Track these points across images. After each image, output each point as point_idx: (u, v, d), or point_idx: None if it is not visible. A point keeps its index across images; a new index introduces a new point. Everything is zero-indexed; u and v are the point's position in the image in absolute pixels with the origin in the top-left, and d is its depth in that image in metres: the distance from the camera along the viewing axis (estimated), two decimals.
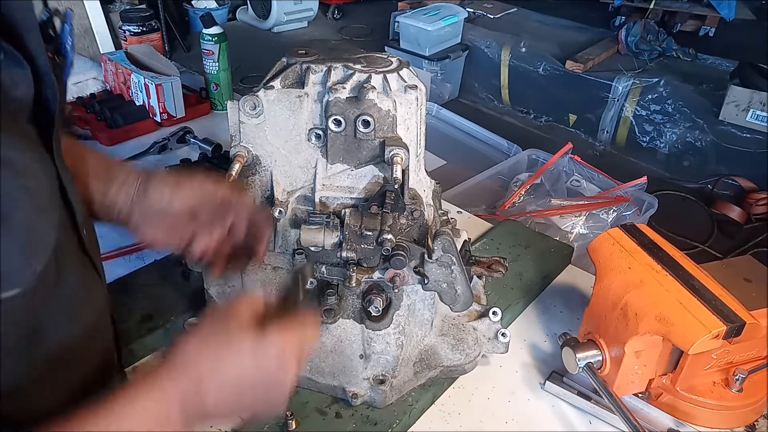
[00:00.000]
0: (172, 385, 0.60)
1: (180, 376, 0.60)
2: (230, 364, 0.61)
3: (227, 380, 0.61)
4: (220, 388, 0.61)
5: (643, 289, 0.92)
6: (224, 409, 0.63)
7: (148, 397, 0.59)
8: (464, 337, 1.02)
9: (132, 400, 0.58)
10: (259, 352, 0.62)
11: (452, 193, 1.94)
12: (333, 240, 0.85)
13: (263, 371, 0.62)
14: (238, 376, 0.62)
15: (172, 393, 0.60)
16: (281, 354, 0.63)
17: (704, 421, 0.97)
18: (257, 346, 0.62)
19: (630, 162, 3.41)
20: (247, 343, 0.62)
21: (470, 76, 4.01)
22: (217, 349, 0.62)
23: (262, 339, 0.62)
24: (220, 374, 0.61)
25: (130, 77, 1.85)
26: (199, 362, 0.61)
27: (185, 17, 4.48)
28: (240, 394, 0.62)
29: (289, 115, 0.89)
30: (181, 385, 0.60)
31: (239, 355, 0.62)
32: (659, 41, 3.72)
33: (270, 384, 0.64)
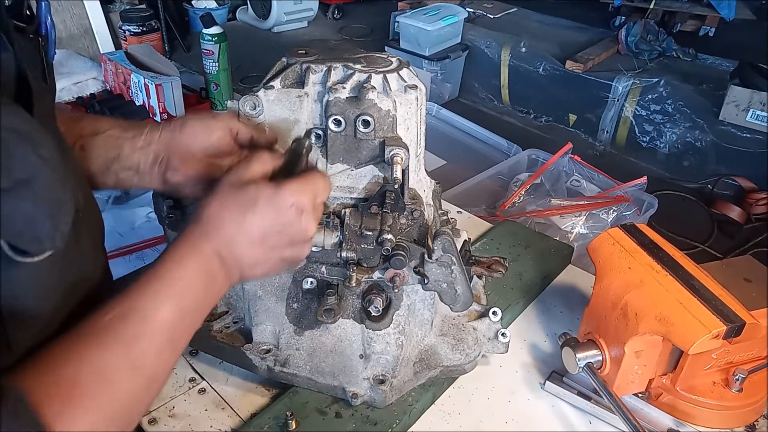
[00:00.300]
0: (208, 245, 0.66)
1: (212, 236, 0.66)
2: (253, 216, 0.67)
3: (253, 232, 0.67)
4: (249, 240, 0.67)
5: (643, 289, 0.92)
6: (257, 260, 0.70)
7: (193, 259, 0.65)
8: (464, 337, 1.02)
9: (181, 264, 0.64)
10: (277, 202, 0.68)
11: (452, 193, 1.94)
12: (333, 240, 0.85)
13: (283, 218, 0.68)
14: (262, 226, 0.67)
15: (209, 251, 0.66)
16: (298, 201, 0.69)
17: (704, 421, 0.97)
18: (275, 197, 0.68)
19: (630, 162, 3.41)
20: (265, 196, 0.67)
21: (470, 76, 4.01)
22: (238, 206, 0.67)
23: (279, 190, 0.68)
24: (245, 227, 0.67)
25: (130, 77, 1.85)
26: (225, 220, 0.67)
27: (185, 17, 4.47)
28: (267, 243, 0.69)
29: (289, 115, 0.89)
30: (214, 243, 0.66)
31: (259, 206, 0.67)
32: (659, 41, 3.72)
33: (292, 229, 0.70)
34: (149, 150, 0.81)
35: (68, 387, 0.54)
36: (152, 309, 0.60)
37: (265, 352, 0.97)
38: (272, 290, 0.96)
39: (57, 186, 0.52)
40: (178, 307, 0.62)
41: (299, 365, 0.97)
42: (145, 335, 0.59)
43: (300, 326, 0.97)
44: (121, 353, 0.58)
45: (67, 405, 0.53)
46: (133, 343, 0.59)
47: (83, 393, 0.54)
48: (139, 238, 1.41)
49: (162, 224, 1.03)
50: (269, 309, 0.97)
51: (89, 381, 0.55)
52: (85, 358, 0.56)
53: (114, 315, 0.59)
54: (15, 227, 0.49)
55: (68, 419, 0.53)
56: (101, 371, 0.56)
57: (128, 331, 0.59)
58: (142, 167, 0.81)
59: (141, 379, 0.59)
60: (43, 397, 0.52)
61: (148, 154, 0.81)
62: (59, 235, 0.52)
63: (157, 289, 0.62)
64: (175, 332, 0.62)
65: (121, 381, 0.57)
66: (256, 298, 0.97)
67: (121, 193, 1.57)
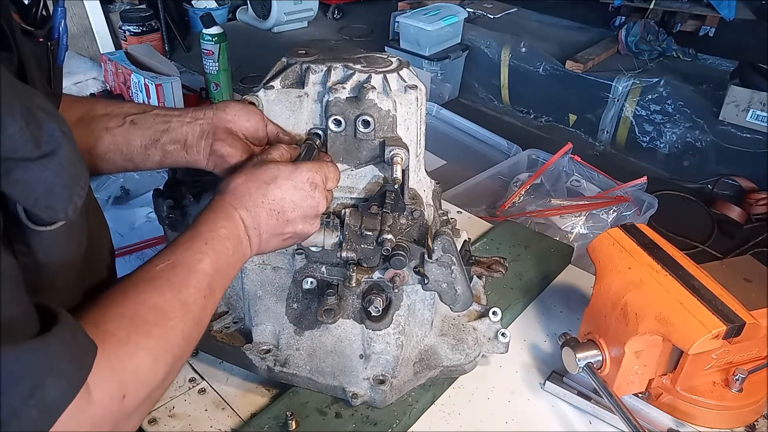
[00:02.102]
0: (235, 212, 0.74)
1: (238, 204, 0.75)
2: (274, 188, 0.76)
3: (273, 202, 0.76)
4: (269, 210, 0.76)
5: (643, 289, 0.92)
6: (274, 231, 0.78)
7: (223, 222, 0.73)
8: (464, 337, 1.02)
9: (215, 225, 0.72)
10: (294, 177, 0.77)
11: (452, 193, 1.94)
12: (333, 240, 0.85)
13: (299, 191, 0.78)
14: (281, 198, 0.77)
15: (237, 217, 0.74)
16: (312, 178, 0.78)
17: (704, 421, 0.97)
18: (293, 173, 0.77)
19: (630, 162, 3.40)
20: (284, 172, 0.77)
21: (470, 76, 4.00)
22: (261, 180, 0.76)
23: (296, 168, 0.78)
24: (267, 198, 0.76)
25: (130, 77, 1.85)
26: (250, 191, 0.75)
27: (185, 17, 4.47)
28: (284, 215, 0.77)
29: (289, 115, 0.89)
30: (240, 210, 0.75)
31: (279, 181, 0.77)
32: (659, 41, 3.72)
33: (305, 203, 0.78)
34: (196, 124, 0.86)
35: (129, 320, 0.59)
36: (196, 261, 0.68)
37: (265, 352, 0.97)
38: (272, 290, 0.96)
39: (76, 160, 0.55)
40: (214, 261, 0.70)
41: (299, 365, 0.97)
42: (191, 282, 0.67)
43: (300, 326, 0.97)
44: (173, 295, 0.64)
45: (132, 334, 0.58)
46: (183, 288, 0.66)
47: (145, 324, 0.60)
48: (139, 238, 1.41)
49: (162, 224, 1.03)
50: (269, 309, 0.97)
51: (149, 316, 0.61)
52: (143, 298, 0.62)
53: (164, 265, 0.66)
54: (33, 195, 0.52)
55: (132, 346, 0.58)
56: (159, 308, 0.62)
57: (178, 277, 0.66)
58: (189, 140, 0.85)
59: (189, 319, 0.65)
60: (107, 330, 0.57)
61: (195, 128, 0.86)
62: (72, 207, 0.55)
63: (197, 246, 0.69)
64: (212, 283, 0.69)
65: (176, 318, 0.63)
66: (256, 298, 0.97)
67: (121, 193, 1.57)
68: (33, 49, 0.64)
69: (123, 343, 0.57)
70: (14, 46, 0.59)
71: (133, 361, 0.57)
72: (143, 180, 1.56)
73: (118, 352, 0.56)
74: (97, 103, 0.85)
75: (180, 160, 0.86)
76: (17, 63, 0.59)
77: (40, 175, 0.52)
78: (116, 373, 0.55)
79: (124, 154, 0.83)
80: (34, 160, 0.51)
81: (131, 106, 0.86)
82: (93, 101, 0.87)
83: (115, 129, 0.82)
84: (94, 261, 0.72)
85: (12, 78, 0.52)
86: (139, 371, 0.57)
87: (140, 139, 0.83)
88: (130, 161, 0.84)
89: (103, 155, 0.82)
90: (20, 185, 0.50)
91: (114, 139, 0.82)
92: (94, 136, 0.81)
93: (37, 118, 0.51)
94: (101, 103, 0.86)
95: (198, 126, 0.85)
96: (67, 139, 0.54)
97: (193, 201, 0.99)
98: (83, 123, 0.82)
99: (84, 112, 0.82)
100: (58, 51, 0.70)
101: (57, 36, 0.69)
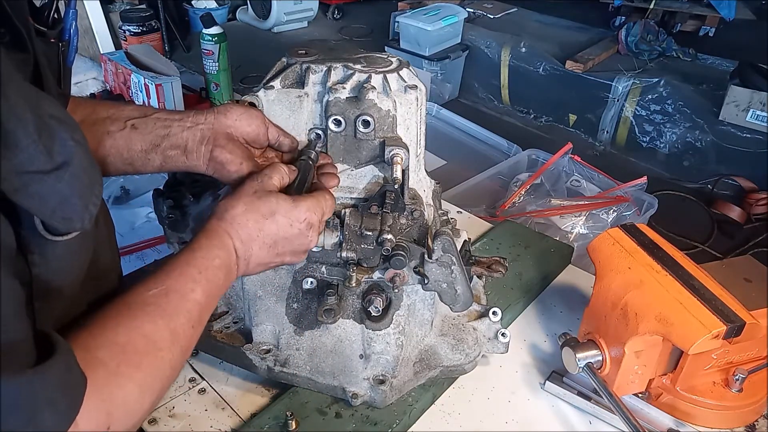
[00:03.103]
0: (230, 241, 0.76)
1: (234, 235, 0.76)
2: (271, 223, 0.77)
3: (268, 236, 0.78)
4: (262, 243, 0.78)
5: (643, 289, 0.92)
6: (262, 261, 0.80)
7: (218, 252, 0.74)
8: (464, 337, 1.02)
9: (210, 254, 0.73)
10: (292, 215, 0.78)
11: (452, 193, 1.94)
12: (333, 240, 0.85)
13: (295, 228, 0.79)
14: (276, 234, 0.78)
15: (231, 247, 0.76)
16: (309, 218, 0.80)
17: (704, 421, 0.97)
18: (292, 211, 0.78)
19: (630, 162, 3.40)
20: (284, 209, 0.78)
21: (470, 76, 4.00)
22: (260, 213, 0.77)
23: (296, 206, 0.79)
24: (263, 232, 0.77)
25: (130, 77, 1.85)
26: (248, 222, 0.76)
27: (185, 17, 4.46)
28: (275, 248, 0.79)
29: (289, 115, 0.89)
30: (236, 240, 0.76)
31: (277, 217, 0.78)
32: (659, 41, 3.72)
33: (298, 241, 0.80)
34: (196, 129, 0.85)
35: (121, 349, 0.59)
36: (189, 290, 0.69)
37: (265, 352, 0.97)
38: (272, 290, 0.96)
39: (90, 169, 0.56)
40: (206, 290, 0.71)
41: (299, 365, 0.97)
42: (182, 311, 0.67)
43: (300, 326, 0.97)
44: (165, 324, 0.65)
45: (122, 365, 0.59)
46: (174, 316, 0.66)
47: (135, 354, 0.60)
48: (139, 238, 1.41)
49: (162, 224, 1.03)
50: (269, 309, 0.97)
51: (140, 345, 0.61)
52: (135, 325, 0.62)
53: (158, 290, 0.66)
54: (50, 206, 0.53)
55: (122, 378, 0.58)
56: (150, 337, 0.63)
57: (170, 305, 0.66)
58: (190, 146, 0.85)
59: (178, 348, 0.66)
60: (98, 358, 0.57)
61: (196, 133, 0.85)
62: (88, 216, 0.56)
63: (192, 274, 0.70)
64: (202, 311, 0.71)
65: (165, 348, 0.64)
66: (256, 298, 0.97)
67: (121, 193, 1.57)
68: (45, 50, 0.65)
69: (113, 374, 0.57)
70: (31, 47, 0.60)
71: (122, 392, 0.58)
72: (143, 180, 1.56)
73: (108, 384, 0.56)
74: (99, 106, 0.85)
75: (180, 165, 0.86)
76: (33, 64, 0.61)
77: (54, 187, 0.52)
78: (105, 403, 0.55)
79: (124, 158, 0.83)
80: (48, 173, 0.51)
81: (132, 109, 0.87)
82: (95, 103, 0.87)
83: (116, 133, 0.83)
84: (102, 266, 0.73)
85: (26, 85, 0.52)
86: (127, 402, 0.58)
87: (141, 144, 0.84)
88: (131, 165, 0.84)
89: (103, 159, 0.82)
90: (37, 198, 0.51)
91: (115, 143, 0.83)
92: (95, 140, 0.81)
93: (50, 127, 0.52)
94: (103, 105, 0.86)
95: (198, 131, 0.85)
96: (80, 147, 0.54)
97: (193, 201, 0.99)
98: (85, 126, 0.82)
99: (86, 114, 0.83)
100: (69, 52, 0.70)
101: (68, 37, 0.70)
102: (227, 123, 0.86)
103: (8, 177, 0.49)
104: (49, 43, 0.67)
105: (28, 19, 0.63)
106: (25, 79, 0.60)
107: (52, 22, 0.68)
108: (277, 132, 0.89)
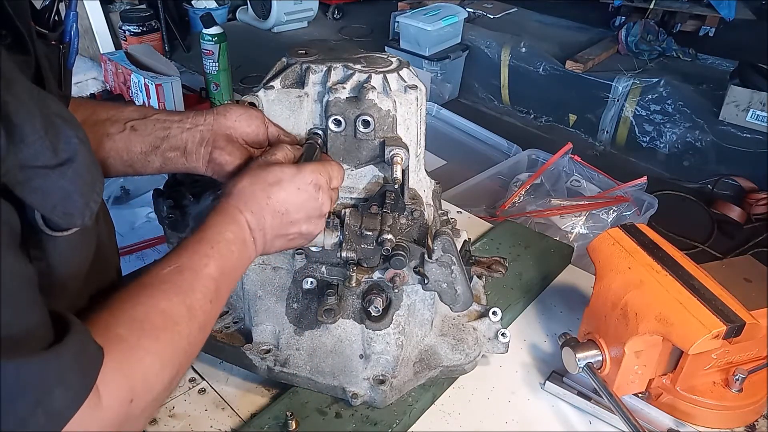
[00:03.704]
0: (241, 215, 0.75)
1: (243, 207, 0.75)
2: (279, 190, 0.77)
3: (278, 204, 0.77)
4: (273, 212, 0.77)
5: (643, 289, 0.92)
6: (278, 232, 0.78)
7: (230, 227, 0.73)
8: (464, 337, 1.02)
9: (221, 229, 0.72)
10: (298, 179, 0.77)
11: (452, 193, 1.94)
12: (333, 240, 0.85)
13: (304, 193, 0.78)
14: (286, 200, 0.77)
15: (243, 221, 0.75)
16: (316, 180, 0.78)
17: (704, 421, 0.97)
18: (297, 174, 0.78)
19: (630, 162, 3.40)
20: (289, 174, 0.77)
21: (470, 76, 4.00)
22: (266, 182, 0.77)
23: (300, 169, 0.78)
24: (272, 201, 0.76)
25: (130, 77, 1.85)
26: (255, 194, 0.76)
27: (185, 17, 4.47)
28: (288, 216, 0.78)
29: (289, 115, 0.89)
30: (246, 213, 0.75)
31: (284, 183, 0.77)
32: (659, 41, 3.72)
33: (309, 205, 0.79)
34: (196, 131, 0.85)
35: (140, 325, 0.60)
36: (202, 266, 0.69)
37: (265, 352, 0.98)
38: (272, 290, 0.96)
39: (92, 167, 0.57)
40: (220, 266, 0.71)
41: (299, 365, 0.97)
42: (197, 287, 0.68)
43: (300, 326, 0.97)
44: (181, 300, 0.65)
45: (142, 339, 0.59)
46: (189, 292, 0.67)
47: (154, 329, 0.61)
48: (139, 238, 1.41)
49: (162, 224, 1.03)
50: (269, 309, 0.97)
51: (158, 321, 0.62)
52: (152, 302, 0.63)
53: (171, 269, 0.67)
54: (51, 202, 0.53)
55: (141, 351, 0.59)
56: (167, 313, 0.63)
57: (185, 282, 0.67)
58: (189, 147, 0.85)
59: (195, 324, 0.66)
60: (119, 334, 0.58)
61: (195, 134, 0.85)
62: (88, 213, 0.57)
63: (204, 250, 0.70)
64: (218, 287, 0.70)
65: (182, 323, 0.64)
66: (256, 298, 0.97)
67: (121, 193, 1.57)
68: (46, 52, 0.65)
69: (133, 348, 0.58)
70: (32, 50, 0.61)
71: (142, 365, 0.58)
72: (143, 180, 1.56)
73: (129, 358, 0.57)
74: (99, 107, 0.85)
75: (180, 166, 0.86)
76: (34, 66, 0.61)
77: (58, 183, 0.53)
78: (126, 378, 0.56)
79: (124, 160, 0.84)
80: (52, 168, 0.52)
81: (132, 110, 0.87)
82: (95, 104, 0.87)
83: (115, 135, 0.83)
84: (103, 262, 0.73)
85: (30, 85, 0.53)
86: (147, 376, 0.59)
87: (140, 146, 0.84)
88: (131, 167, 0.85)
89: (103, 161, 0.82)
90: (39, 193, 0.52)
91: (114, 145, 0.83)
92: (95, 142, 0.81)
93: (55, 125, 0.52)
94: (103, 106, 0.86)
95: (198, 132, 0.85)
96: (83, 145, 0.55)
97: (193, 201, 0.99)
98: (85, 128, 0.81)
99: (86, 116, 0.83)
100: (69, 54, 0.71)
101: (69, 39, 0.70)
102: (227, 124, 0.86)
103: (12, 170, 0.49)
104: (50, 46, 0.67)
105: (30, 21, 0.63)
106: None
107: (53, 25, 0.68)
108: (277, 132, 0.89)
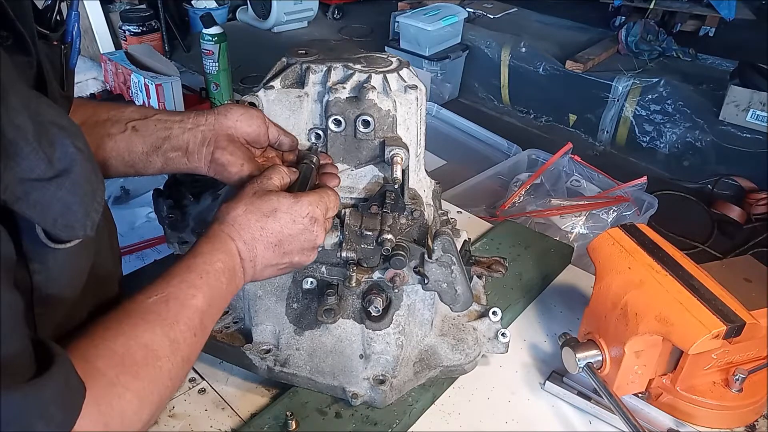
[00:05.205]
0: (233, 244, 0.74)
1: (236, 236, 0.74)
2: (273, 221, 0.76)
3: (271, 236, 0.76)
4: (266, 243, 0.76)
5: (643, 289, 0.92)
6: (269, 262, 0.77)
7: (220, 256, 0.72)
8: (464, 337, 1.02)
9: (211, 258, 0.71)
10: (295, 211, 0.76)
11: (452, 193, 1.94)
12: (333, 240, 0.85)
13: (299, 225, 0.77)
14: (280, 232, 0.76)
15: (234, 250, 0.74)
16: (312, 212, 0.78)
17: (704, 421, 0.97)
18: (293, 206, 0.77)
19: (630, 162, 3.41)
20: (285, 205, 0.76)
21: (470, 76, 4.01)
22: (261, 212, 0.75)
23: (297, 201, 0.77)
24: (266, 231, 0.75)
25: (130, 77, 1.85)
26: (250, 223, 0.75)
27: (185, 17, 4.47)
28: (281, 247, 0.77)
29: (289, 115, 0.89)
30: (238, 242, 0.74)
31: (279, 214, 0.76)
32: (659, 41, 3.72)
33: (303, 237, 0.78)
34: (197, 131, 0.85)
35: (120, 359, 0.59)
36: (189, 297, 0.67)
37: (265, 352, 0.98)
38: (272, 290, 0.96)
39: (91, 176, 0.56)
40: (207, 296, 0.69)
41: (299, 365, 0.97)
42: (182, 319, 0.66)
43: (300, 326, 0.97)
44: (164, 333, 0.64)
45: (121, 375, 0.58)
46: (174, 324, 0.65)
47: (134, 364, 0.59)
48: (139, 238, 1.41)
49: (162, 224, 1.03)
50: (269, 309, 0.97)
51: (139, 355, 0.60)
52: (134, 334, 0.61)
53: (158, 298, 0.65)
54: (51, 215, 0.52)
55: (120, 388, 0.57)
56: (149, 347, 0.61)
57: (170, 313, 0.65)
58: (190, 147, 0.85)
59: (179, 357, 0.64)
60: (98, 368, 0.56)
61: (196, 134, 0.85)
62: (90, 224, 0.56)
63: (193, 280, 0.69)
64: (204, 318, 0.69)
65: (164, 357, 0.62)
66: (256, 298, 0.97)
67: (121, 193, 1.57)
68: (47, 52, 0.65)
69: (111, 384, 0.57)
70: (34, 50, 0.60)
71: (121, 403, 0.57)
72: (143, 180, 1.55)
73: (106, 394, 0.56)
74: (100, 108, 0.85)
75: (181, 166, 0.86)
76: (36, 67, 0.60)
77: (56, 195, 0.52)
78: (102, 415, 0.55)
79: (125, 160, 0.83)
80: (49, 180, 0.51)
81: (133, 111, 0.86)
82: (95, 105, 0.86)
83: (116, 135, 0.82)
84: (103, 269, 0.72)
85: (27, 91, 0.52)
86: (125, 414, 0.57)
87: (142, 146, 0.83)
88: (132, 167, 0.84)
89: (104, 162, 0.82)
90: (39, 207, 0.51)
91: (116, 145, 0.82)
92: (96, 143, 0.81)
93: (50, 134, 0.51)
94: (103, 107, 0.85)
95: (199, 133, 0.85)
96: (81, 154, 0.54)
97: (193, 201, 0.99)
98: (86, 128, 0.81)
99: (87, 116, 0.82)
100: (71, 54, 0.70)
101: (70, 40, 0.70)
102: (228, 124, 0.85)
103: (11, 186, 0.48)
104: (52, 46, 0.67)
105: (32, 22, 0.63)
106: (28, 83, 0.60)
107: (55, 25, 0.68)
108: (278, 131, 0.89)
